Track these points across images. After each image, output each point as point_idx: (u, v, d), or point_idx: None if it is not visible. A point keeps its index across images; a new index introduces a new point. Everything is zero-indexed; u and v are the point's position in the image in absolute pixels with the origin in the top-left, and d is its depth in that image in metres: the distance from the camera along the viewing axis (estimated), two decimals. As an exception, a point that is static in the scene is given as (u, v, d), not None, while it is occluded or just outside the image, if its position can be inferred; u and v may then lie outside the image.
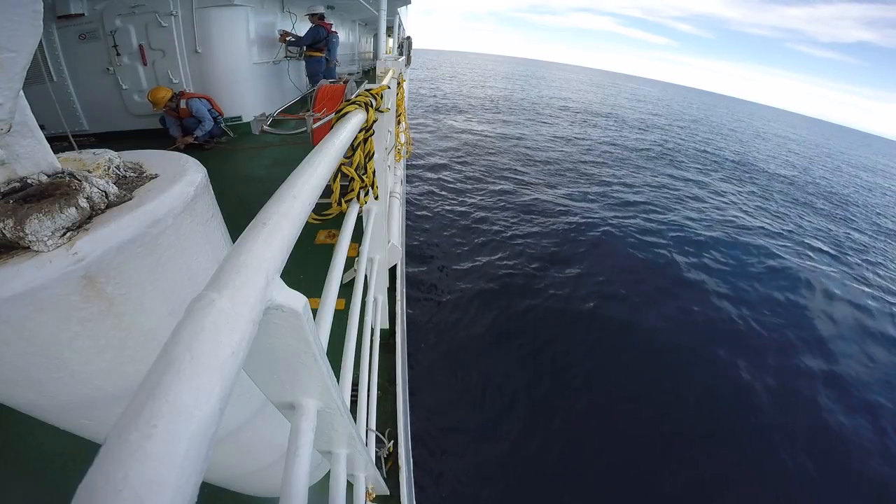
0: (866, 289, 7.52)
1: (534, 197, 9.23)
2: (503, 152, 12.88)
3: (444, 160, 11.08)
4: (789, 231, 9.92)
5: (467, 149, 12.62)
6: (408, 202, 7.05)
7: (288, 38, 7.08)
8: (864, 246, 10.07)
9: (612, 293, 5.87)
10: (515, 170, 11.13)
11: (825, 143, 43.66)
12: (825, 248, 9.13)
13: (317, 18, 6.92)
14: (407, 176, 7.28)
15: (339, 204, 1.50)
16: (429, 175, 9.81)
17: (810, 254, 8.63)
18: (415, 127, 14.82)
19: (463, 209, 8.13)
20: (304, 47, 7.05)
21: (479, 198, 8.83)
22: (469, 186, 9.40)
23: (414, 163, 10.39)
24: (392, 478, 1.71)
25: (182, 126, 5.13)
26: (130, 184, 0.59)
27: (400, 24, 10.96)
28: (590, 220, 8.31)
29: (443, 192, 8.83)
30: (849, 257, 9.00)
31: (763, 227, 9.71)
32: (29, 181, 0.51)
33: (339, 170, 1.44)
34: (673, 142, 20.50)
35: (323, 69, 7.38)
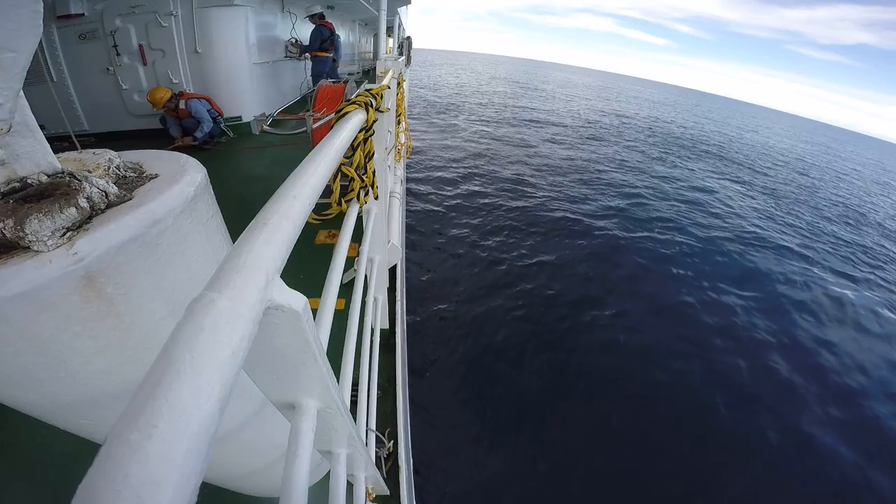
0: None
1: (536, 202, 9.22)
2: (507, 158, 12.56)
3: (446, 166, 10.86)
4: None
5: (470, 154, 12.31)
6: (408, 204, 7.04)
7: (297, 47, 7.14)
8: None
9: (612, 295, 5.88)
10: (520, 176, 10.85)
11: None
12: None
13: (317, 19, 6.93)
14: (407, 180, 7.24)
15: (339, 204, 1.50)
16: (430, 179, 9.70)
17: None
18: (415, 130, 14.65)
19: (465, 213, 8.14)
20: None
21: (482, 202, 8.81)
22: (470, 193, 9.29)
23: (415, 171, 10.25)
24: (392, 478, 1.71)
25: (182, 126, 5.14)
26: (130, 184, 0.59)
27: (400, 24, 10.97)
28: (596, 224, 8.29)
29: (443, 199, 8.71)
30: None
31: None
32: (29, 181, 0.51)
33: (339, 170, 1.44)
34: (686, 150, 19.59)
35: (328, 69, 7.40)
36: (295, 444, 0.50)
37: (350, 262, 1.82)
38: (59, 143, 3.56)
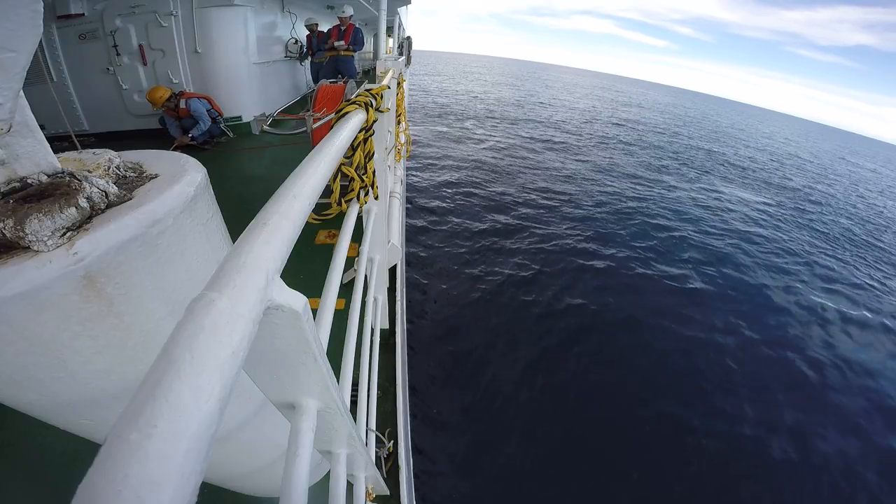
0: None
1: (537, 203, 9.21)
2: (510, 163, 12.24)
3: (447, 174, 10.46)
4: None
5: (471, 162, 11.90)
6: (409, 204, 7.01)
7: (345, 49, 7.11)
8: None
9: (615, 308, 5.88)
10: (521, 180, 10.69)
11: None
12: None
13: (348, 20, 7.03)
14: (408, 188, 7.09)
15: (339, 204, 1.50)
16: (431, 189, 9.29)
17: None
18: (416, 134, 14.31)
19: (467, 220, 8.13)
20: (345, 47, 7.15)
21: (485, 210, 8.79)
22: (471, 202, 9.10)
23: (416, 176, 10.03)
24: (392, 478, 1.71)
25: (181, 126, 5.13)
26: (130, 184, 0.59)
27: (400, 25, 10.96)
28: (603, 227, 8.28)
29: (444, 210, 8.45)
30: None
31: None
32: (29, 181, 0.51)
33: (339, 170, 1.44)
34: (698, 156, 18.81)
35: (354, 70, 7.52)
36: (295, 444, 0.50)
37: (350, 262, 1.83)
38: (59, 143, 3.54)
